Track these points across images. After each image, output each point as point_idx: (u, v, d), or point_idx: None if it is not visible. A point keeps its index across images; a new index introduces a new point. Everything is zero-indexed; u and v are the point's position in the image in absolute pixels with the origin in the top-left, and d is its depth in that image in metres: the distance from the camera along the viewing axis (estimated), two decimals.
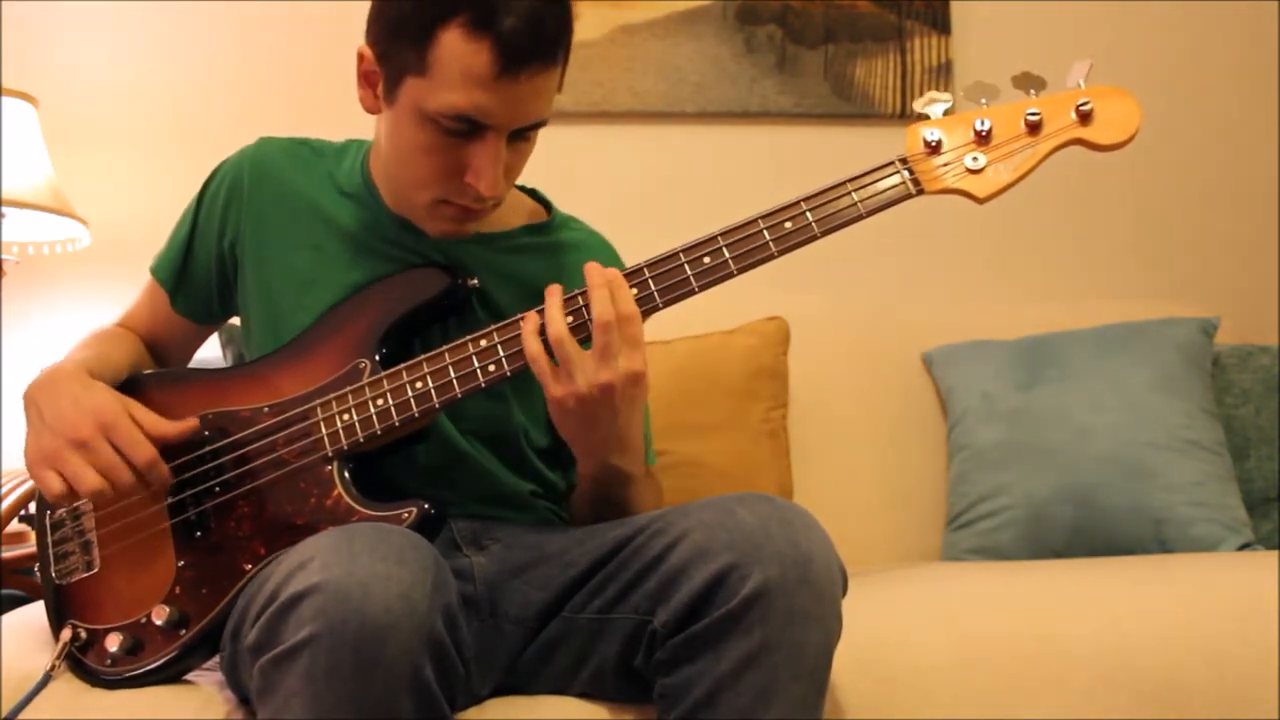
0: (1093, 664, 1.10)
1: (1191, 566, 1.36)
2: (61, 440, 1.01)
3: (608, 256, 1.26)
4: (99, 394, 1.04)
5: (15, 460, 1.07)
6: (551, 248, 1.22)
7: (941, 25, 2.24)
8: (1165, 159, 2.26)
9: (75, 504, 1.10)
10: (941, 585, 1.34)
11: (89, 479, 0.99)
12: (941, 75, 2.24)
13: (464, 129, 1.02)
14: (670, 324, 1.62)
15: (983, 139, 1.03)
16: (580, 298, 1.02)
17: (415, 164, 1.06)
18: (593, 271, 1.02)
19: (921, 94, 2.25)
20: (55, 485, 1.00)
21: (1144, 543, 1.63)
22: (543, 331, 1.01)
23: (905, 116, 2.23)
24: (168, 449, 1.06)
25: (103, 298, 2.07)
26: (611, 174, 2.20)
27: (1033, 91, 1.03)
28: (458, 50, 0.98)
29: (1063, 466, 1.69)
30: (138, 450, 1.01)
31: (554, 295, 1.02)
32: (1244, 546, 1.61)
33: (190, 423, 1.07)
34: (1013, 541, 1.69)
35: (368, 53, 1.07)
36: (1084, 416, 1.72)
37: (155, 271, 1.26)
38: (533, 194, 1.27)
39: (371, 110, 1.11)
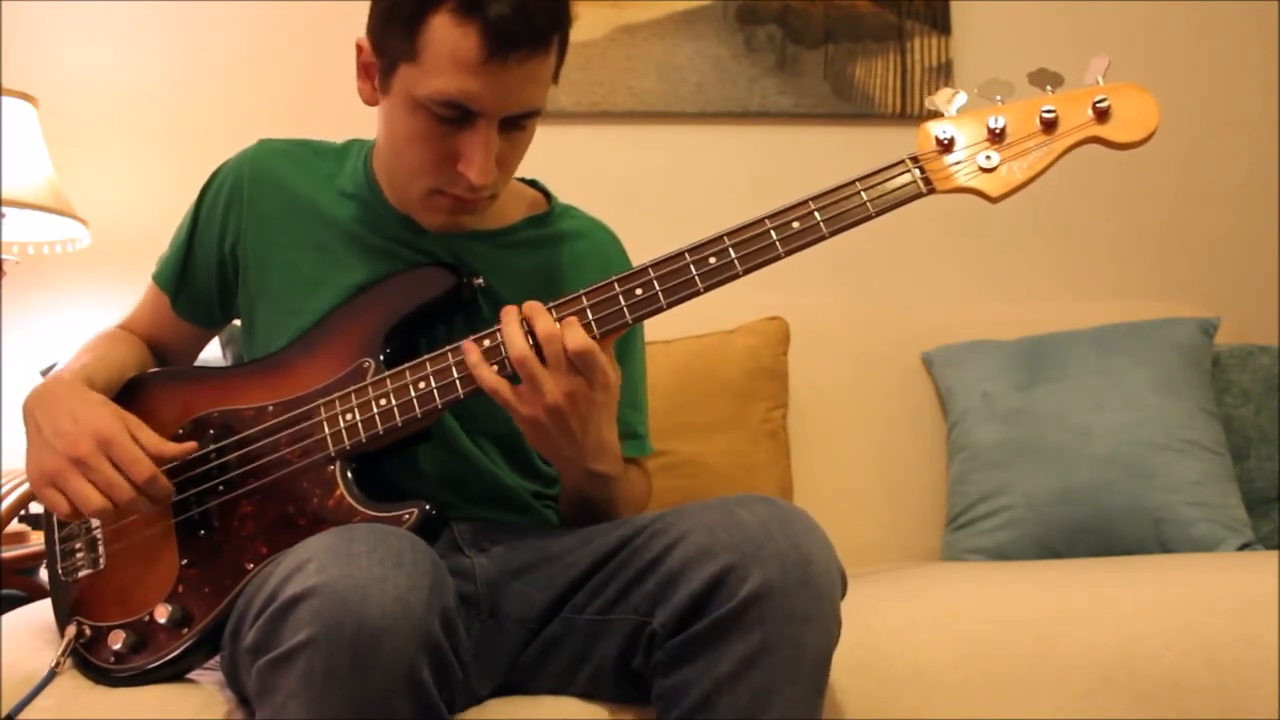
0: (1093, 664, 1.10)
1: (1191, 566, 1.36)
2: (62, 459, 1.00)
3: (607, 243, 1.26)
4: (97, 409, 1.03)
5: (15, 460, 1.07)
6: (553, 239, 1.22)
7: (941, 25, 2.24)
8: (1165, 159, 2.25)
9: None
10: (941, 585, 1.34)
11: (93, 499, 0.99)
12: (941, 75, 2.24)
13: (455, 116, 1.02)
14: (671, 324, 1.61)
15: (996, 137, 1.00)
16: (524, 323, 1.00)
17: (409, 153, 1.06)
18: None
19: (922, 94, 2.25)
20: (62, 505, 1.00)
21: (1144, 543, 1.63)
22: (503, 357, 1.00)
23: (905, 116, 2.23)
24: None
25: (103, 298, 2.08)
26: (611, 174, 2.19)
27: (1049, 88, 1.01)
28: (446, 35, 0.98)
29: (1063, 466, 1.69)
30: (137, 467, 1.01)
31: (509, 315, 1.01)
32: (1244, 546, 1.61)
33: (188, 445, 1.06)
34: (1013, 541, 1.69)
35: (365, 44, 1.07)
36: (1084, 416, 1.71)
37: (156, 276, 1.26)
38: (532, 184, 1.26)
39: (370, 102, 1.10)
